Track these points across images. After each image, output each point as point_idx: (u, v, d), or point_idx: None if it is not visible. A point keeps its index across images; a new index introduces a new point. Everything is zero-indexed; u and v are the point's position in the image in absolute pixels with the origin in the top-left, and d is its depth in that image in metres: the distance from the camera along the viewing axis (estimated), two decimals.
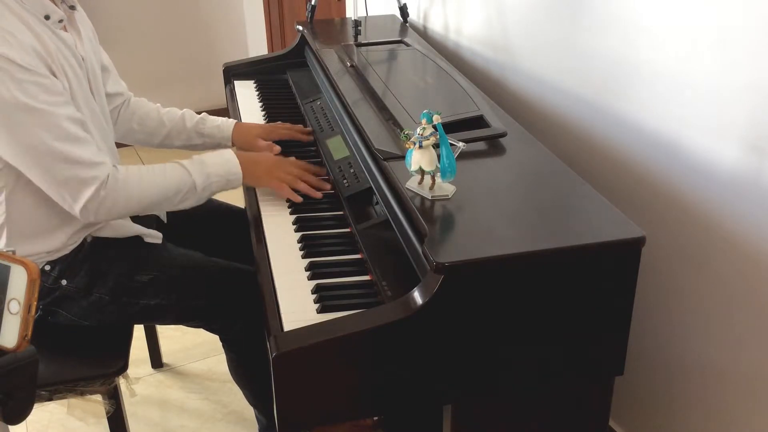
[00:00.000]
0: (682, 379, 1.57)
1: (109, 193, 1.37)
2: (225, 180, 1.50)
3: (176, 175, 1.46)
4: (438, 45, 2.26)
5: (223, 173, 1.49)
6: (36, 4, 1.34)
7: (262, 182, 1.55)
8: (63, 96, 1.33)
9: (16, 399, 0.82)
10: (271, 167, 1.55)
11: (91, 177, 1.35)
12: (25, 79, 1.27)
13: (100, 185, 1.35)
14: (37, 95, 1.28)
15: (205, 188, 1.48)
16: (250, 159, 1.55)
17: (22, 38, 1.28)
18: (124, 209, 1.41)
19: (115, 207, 1.39)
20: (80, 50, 1.45)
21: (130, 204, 1.41)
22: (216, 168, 1.48)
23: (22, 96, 1.26)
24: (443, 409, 1.22)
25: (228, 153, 1.53)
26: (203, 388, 2.15)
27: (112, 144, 1.58)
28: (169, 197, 1.45)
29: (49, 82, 1.30)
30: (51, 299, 1.49)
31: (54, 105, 1.30)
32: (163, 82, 3.80)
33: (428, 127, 1.19)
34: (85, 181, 1.34)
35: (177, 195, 1.46)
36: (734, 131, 1.31)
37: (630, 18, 1.51)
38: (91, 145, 1.37)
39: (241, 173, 1.51)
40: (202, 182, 1.47)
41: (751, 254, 1.34)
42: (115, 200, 1.38)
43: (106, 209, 1.38)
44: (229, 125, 1.78)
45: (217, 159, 1.50)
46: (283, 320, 1.18)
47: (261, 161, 1.56)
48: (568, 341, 1.17)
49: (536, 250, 1.10)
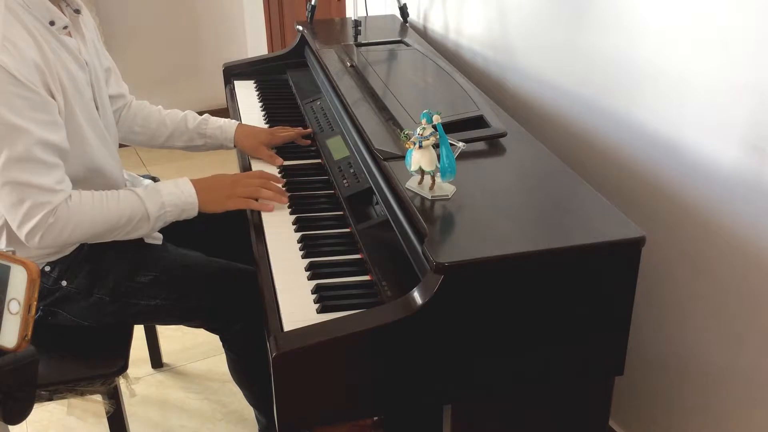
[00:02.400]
0: (682, 379, 1.57)
1: (57, 220, 1.33)
2: (180, 209, 1.47)
3: (129, 204, 1.42)
4: (438, 45, 2.26)
5: (178, 203, 1.46)
6: (42, 9, 1.33)
7: (225, 206, 1.51)
8: (50, 116, 1.30)
9: (16, 399, 0.82)
10: (229, 186, 1.52)
11: (43, 202, 1.31)
12: (15, 93, 1.25)
13: (50, 211, 1.32)
14: (22, 110, 1.26)
15: (159, 218, 1.45)
16: (206, 185, 1.51)
17: (24, 49, 1.27)
18: (70, 237, 1.37)
19: (62, 234, 1.35)
20: (84, 55, 1.44)
21: (77, 232, 1.37)
22: (171, 197, 1.45)
23: (3, 109, 1.24)
24: (443, 409, 1.22)
25: (182, 182, 1.49)
26: (203, 388, 2.15)
27: (115, 150, 1.58)
28: (120, 226, 1.41)
29: (39, 99, 1.28)
30: (51, 300, 1.49)
31: (35, 123, 1.27)
32: (163, 82, 3.80)
33: (428, 127, 1.19)
34: (37, 205, 1.31)
35: (129, 224, 1.42)
36: (734, 131, 1.31)
37: (630, 18, 1.51)
38: (57, 171, 1.33)
39: (196, 202, 1.48)
40: (156, 211, 1.44)
41: (751, 254, 1.34)
42: (63, 228, 1.34)
43: (52, 236, 1.34)
44: (231, 126, 1.78)
45: (172, 188, 1.47)
46: (283, 320, 1.18)
47: (218, 185, 1.52)
48: (568, 341, 1.17)
49: (536, 250, 1.10)
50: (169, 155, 1.73)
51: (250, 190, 1.52)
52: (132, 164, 3.41)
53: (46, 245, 1.37)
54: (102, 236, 1.42)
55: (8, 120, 1.25)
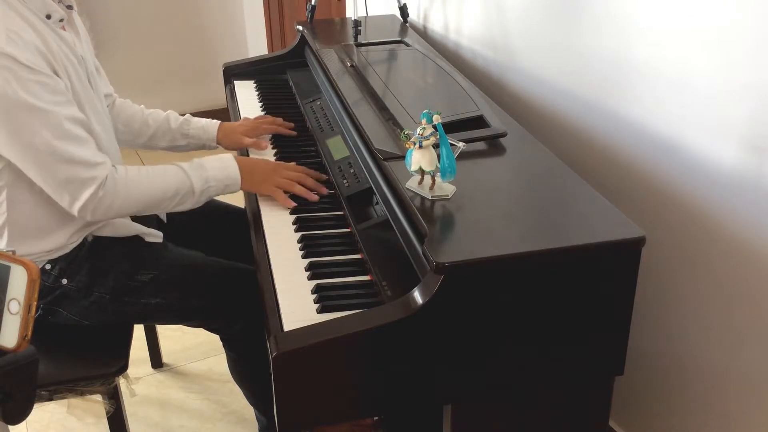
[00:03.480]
0: (682, 379, 1.57)
1: (107, 192, 1.38)
2: (223, 185, 1.50)
3: (175, 178, 1.46)
4: (438, 45, 2.26)
5: (221, 178, 1.50)
6: (38, 3, 1.34)
7: (260, 188, 1.55)
8: (65, 95, 1.34)
9: (16, 399, 0.82)
10: (269, 173, 1.55)
11: (90, 177, 1.36)
12: (29, 79, 1.27)
13: (99, 185, 1.36)
14: (41, 95, 1.29)
15: (203, 192, 1.49)
16: (249, 165, 1.55)
17: (27, 37, 1.29)
18: (121, 209, 1.42)
19: (113, 207, 1.40)
20: (79, 49, 1.45)
21: (127, 204, 1.42)
22: (215, 172, 1.49)
23: (25, 95, 1.27)
24: (443, 409, 1.22)
25: (228, 158, 1.53)
26: (203, 388, 2.15)
27: (114, 142, 1.59)
28: (166, 199, 1.46)
29: (52, 82, 1.31)
30: (51, 298, 1.49)
31: (56, 104, 1.31)
32: (163, 82, 3.80)
33: (428, 127, 1.19)
34: (85, 181, 1.35)
35: (175, 197, 1.47)
36: (734, 131, 1.31)
37: (630, 18, 1.51)
38: (91, 145, 1.38)
39: (239, 179, 1.51)
40: (200, 186, 1.48)
41: (751, 254, 1.34)
42: (113, 200, 1.39)
43: (104, 209, 1.39)
44: (213, 126, 1.78)
45: (216, 164, 1.51)
46: (283, 320, 1.18)
47: (260, 167, 1.56)
48: (568, 341, 1.17)
49: (536, 250, 1.10)
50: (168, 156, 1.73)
51: (286, 183, 1.54)
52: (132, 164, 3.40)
53: (99, 219, 1.42)
54: (150, 209, 1.48)
55: (34, 105, 1.28)
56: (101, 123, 1.49)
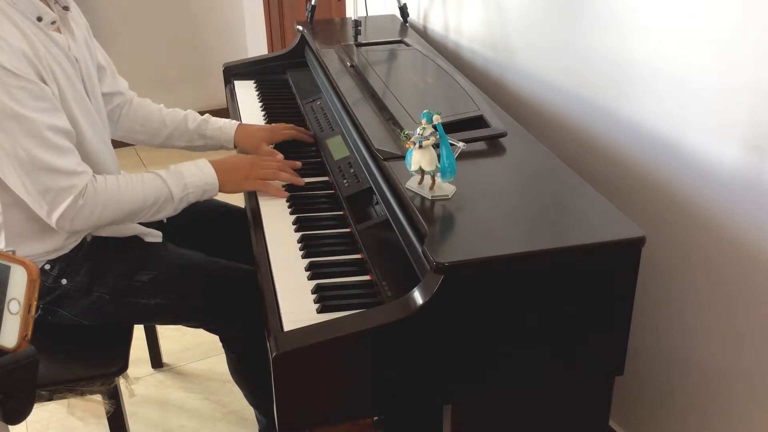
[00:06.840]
0: (682, 379, 1.57)
1: (86, 202, 1.36)
2: (201, 190, 1.50)
3: (154, 186, 1.46)
4: (438, 45, 2.26)
5: (200, 184, 1.50)
6: (28, 5, 1.33)
7: (245, 186, 1.55)
8: (50, 103, 1.32)
9: (16, 399, 0.82)
10: (248, 169, 1.55)
11: (69, 186, 1.34)
12: (14, 84, 1.26)
13: (78, 194, 1.35)
14: (24, 101, 1.27)
15: (182, 199, 1.49)
16: (226, 166, 1.54)
17: (14, 42, 1.27)
18: (100, 219, 1.40)
19: (92, 216, 1.38)
20: (74, 51, 1.44)
21: (105, 213, 1.40)
22: (193, 179, 1.49)
23: (9, 101, 1.26)
24: (443, 409, 1.22)
25: (203, 163, 1.53)
26: (203, 388, 2.15)
27: (109, 144, 1.58)
28: (146, 207, 1.45)
29: (36, 89, 1.30)
30: (51, 298, 1.49)
31: (39, 111, 1.29)
32: (163, 82, 3.80)
33: (428, 127, 1.19)
34: (64, 190, 1.34)
35: (154, 206, 1.46)
36: (734, 131, 1.31)
37: (630, 18, 1.51)
38: (73, 154, 1.37)
39: (217, 183, 1.51)
40: (179, 193, 1.47)
41: (751, 254, 1.34)
42: (93, 210, 1.37)
43: (83, 219, 1.37)
44: (231, 127, 1.78)
45: (194, 170, 1.50)
46: (283, 320, 1.18)
47: (237, 167, 1.55)
48: (568, 341, 1.17)
49: (536, 250, 1.10)
50: (168, 155, 1.73)
51: (268, 173, 1.54)
52: (132, 164, 3.41)
53: (77, 229, 1.40)
54: (129, 217, 1.46)
55: (16, 111, 1.27)
56: (94, 126, 1.48)
